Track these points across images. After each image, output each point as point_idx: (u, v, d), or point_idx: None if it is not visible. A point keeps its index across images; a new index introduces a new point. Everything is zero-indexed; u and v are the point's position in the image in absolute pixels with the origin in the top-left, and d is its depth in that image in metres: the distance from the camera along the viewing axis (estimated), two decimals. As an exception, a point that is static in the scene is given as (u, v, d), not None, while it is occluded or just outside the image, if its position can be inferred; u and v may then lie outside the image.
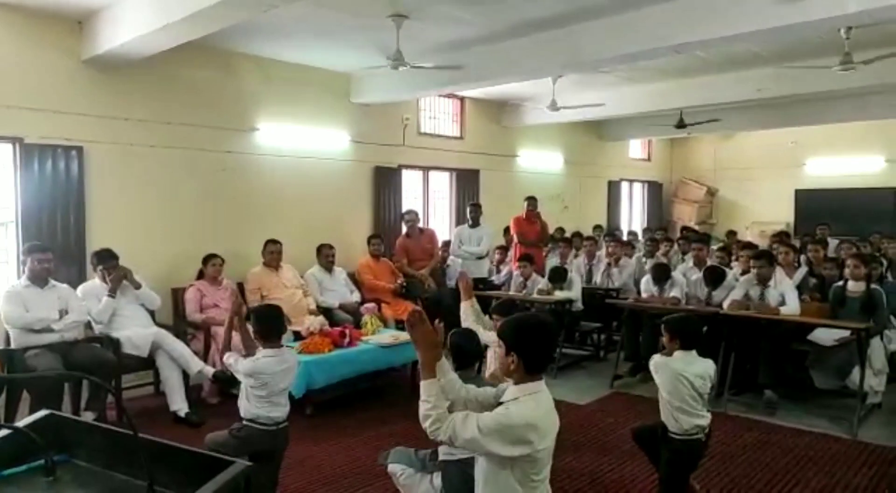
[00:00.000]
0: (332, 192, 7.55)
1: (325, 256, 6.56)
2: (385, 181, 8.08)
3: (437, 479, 2.91)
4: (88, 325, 4.86)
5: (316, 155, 7.33)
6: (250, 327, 3.23)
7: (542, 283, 6.71)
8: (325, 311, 6.18)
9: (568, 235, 9.27)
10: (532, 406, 2.06)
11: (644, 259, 7.72)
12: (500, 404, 2.12)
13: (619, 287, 7.02)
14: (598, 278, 7.33)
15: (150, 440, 1.38)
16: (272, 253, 6.11)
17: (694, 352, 3.26)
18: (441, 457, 2.88)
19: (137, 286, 5.07)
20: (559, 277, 6.63)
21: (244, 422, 3.17)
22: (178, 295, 5.80)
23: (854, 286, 5.15)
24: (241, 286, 6.07)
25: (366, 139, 7.84)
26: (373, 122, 7.89)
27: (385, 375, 5.63)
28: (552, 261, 7.87)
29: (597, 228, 10.74)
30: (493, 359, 3.10)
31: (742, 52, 6.82)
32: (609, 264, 7.29)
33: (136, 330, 4.87)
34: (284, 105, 6.97)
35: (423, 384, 2.15)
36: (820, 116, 9.61)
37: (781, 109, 9.56)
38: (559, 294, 6.45)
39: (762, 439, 4.51)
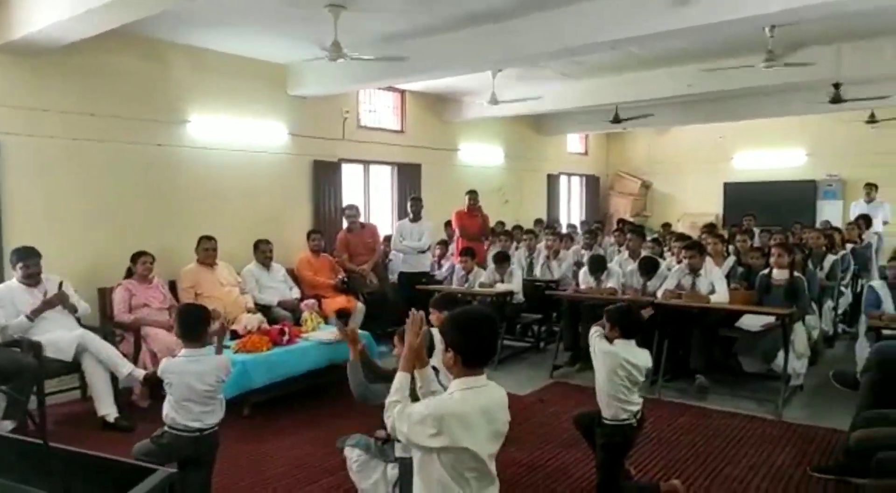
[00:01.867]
0: (270, 186, 7.37)
1: (263, 252, 6.40)
2: (325, 175, 7.94)
3: (393, 470, 2.88)
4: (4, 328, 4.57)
5: (252, 148, 7.13)
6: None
7: (484, 276, 6.76)
8: (263, 308, 6.03)
9: (509, 228, 9.38)
10: (461, 399, 2.05)
11: (583, 251, 7.88)
12: None
13: (559, 279, 7.14)
14: (538, 271, 7.44)
15: (65, 450, 1.29)
16: (206, 250, 5.91)
17: (633, 342, 3.35)
18: (397, 454, 2.85)
19: (74, 310, 4.79)
20: (503, 259, 6.71)
21: (165, 428, 3.03)
22: (105, 295, 5.55)
23: (778, 274, 5.40)
24: (173, 285, 5.86)
25: (304, 132, 7.68)
26: (311, 115, 7.74)
27: (327, 372, 5.54)
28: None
29: (538, 221, 10.90)
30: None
31: (674, 49, 7.04)
32: (548, 257, 7.40)
33: (59, 333, 4.60)
34: (218, 97, 6.74)
35: (396, 376, 2.21)
36: (746, 112, 10.04)
37: (710, 104, 9.92)
38: (500, 287, 6.51)
39: (695, 422, 4.68)
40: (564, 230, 10.15)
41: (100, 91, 5.83)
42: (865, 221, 8.66)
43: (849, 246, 7.89)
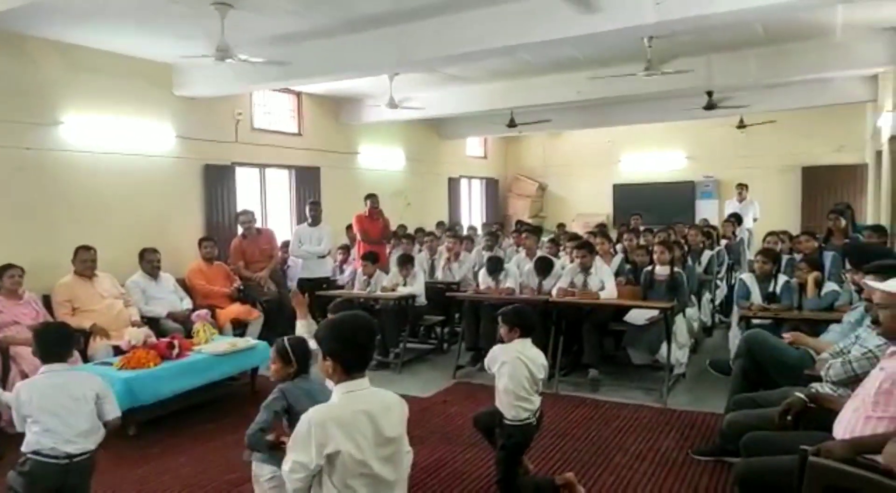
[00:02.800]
0: (157, 192, 6.98)
1: (149, 261, 6.05)
2: (217, 180, 7.62)
3: None
4: None
5: (135, 152, 6.73)
6: None
7: (387, 280, 6.74)
8: (151, 321, 5.70)
9: (411, 231, 9.40)
10: (340, 404, 2.04)
11: (483, 253, 8.03)
12: None
13: (460, 281, 7.24)
14: (439, 273, 7.50)
15: None
16: (84, 261, 5.51)
17: (529, 340, 3.45)
18: None
19: None
20: (406, 261, 6.75)
21: (27, 455, 2.78)
22: (-34, 312, 5.02)
23: (661, 270, 5.75)
24: (49, 299, 5.41)
25: (194, 135, 7.34)
26: (201, 117, 7.41)
27: (223, 385, 5.32)
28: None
29: (439, 224, 11.00)
30: None
31: (564, 57, 7.33)
32: (449, 259, 7.48)
33: None
34: (94, 97, 6.31)
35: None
36: (631, 117, 10.65)
37: (599, 110, 10.44)
38: (402, 290, 6.51)
39: (588, 414, 4.89)
40: (466, 232, 10.31)
41: (-45, 89, 5.31)
42: (737, 218, 9.39)
43: (724, 242, 8.54)
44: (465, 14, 5.26)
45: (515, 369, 3.34)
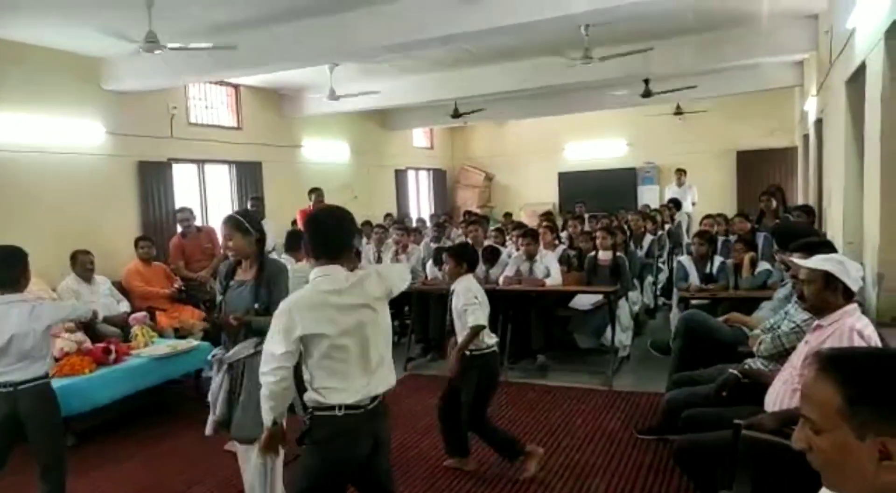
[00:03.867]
0: (89, 191, 6.70)
1: (82, 263, 5.79)
2: (153, 177, 7.36)
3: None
4: None
5: (63, 150, 6.43)
6: None
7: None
8: (86, 326, 5.46)
9: (358, 224, 9.30)
10: (308, 289, 2.20)
11: (432, 244, 8.02)
12: None
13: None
14: (387, 266, 7.46)
15: None
16: (10, 265, 5.22)
17: (471, 275, 3.65)
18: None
19: None
20: (355, 255, 6.67)
21: None
22: None
23: (603, 256, 5.87)
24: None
25: (126, 131, 7.06)
26: (133, 112, 7.13)
27: (165, 388, 5.16)
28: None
29: (388, 216, 10.93)
30: None
31: (505, 47, 7.35)
32: (397, 252, 7.44)
33: None
34: (16, 92, 5.99)
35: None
36: (573, 106, 10.80)
37: (542, 99, 10.55)
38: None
39: (538, 399, 4.96)
40: (415, 224, 10.28)
41: None
42: (675, 203, 9.67)
43: (667, 227, 8.78)
44: (402, 3, 5.21)
45: (472, 299, 3.48)
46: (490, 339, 3.56)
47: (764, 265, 5.09)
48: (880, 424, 1.02)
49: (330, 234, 2.29)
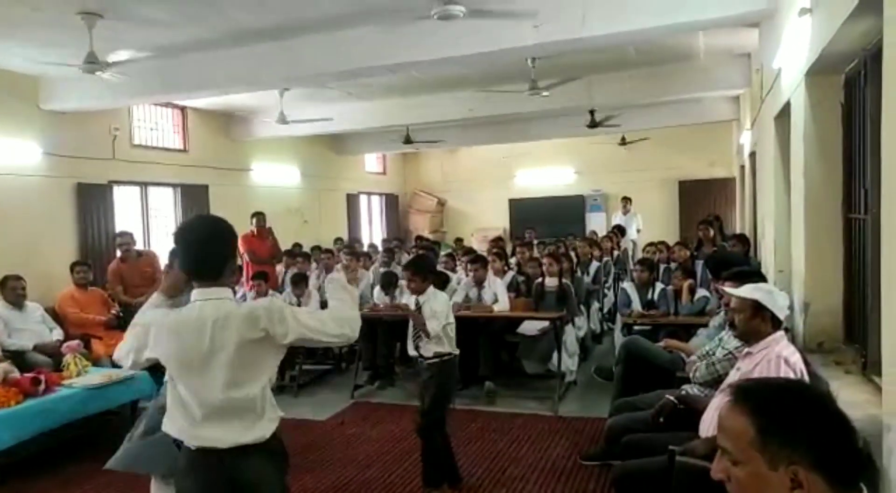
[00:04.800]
0: (22, 213, 6.44)
1: (13, 289, 5.54)
2: (91, 200, 7.14)
3: None
4: None
5: (-5, 170, 6.18)
6: None
7: (279, 300, 6.54)
8: (15, 355, 5.20)
9: (307, 249, 9.20)
10: (166, 312, 2.10)
11: (381, 269, 7.98)
12: None
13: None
14: (336, 291, 7.36)
15: None
16: (-68, 292, 4.96)
17: (434, 288, 3.75)
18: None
19: None
20: (300, 280, 6.70)
21: None
22: None
23: (550, 282, 5.96)
24: None
25: (64, 152, 6.85)
26: (72, 132, 6.92)
27: (98, 420, 4.93)
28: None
29: (337, 240, 10.85)
30: None
31: (454, 76, 7.48)
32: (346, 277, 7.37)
33: None
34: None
35: None
36: (521, 134, 11.04)
37: (491, 127, 10.74)
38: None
39: (484, 426, 4.94)
40: (366, 249, 10.22)
41: None
42: (619, 230, 9.93)
43: (615, 253, 8.99)
44: (350, 31, 5.25)
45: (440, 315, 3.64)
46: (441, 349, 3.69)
47: (702, 292, 5.26)
48: (791, 453, 1.06)
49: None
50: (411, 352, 3.80)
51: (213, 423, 1.99)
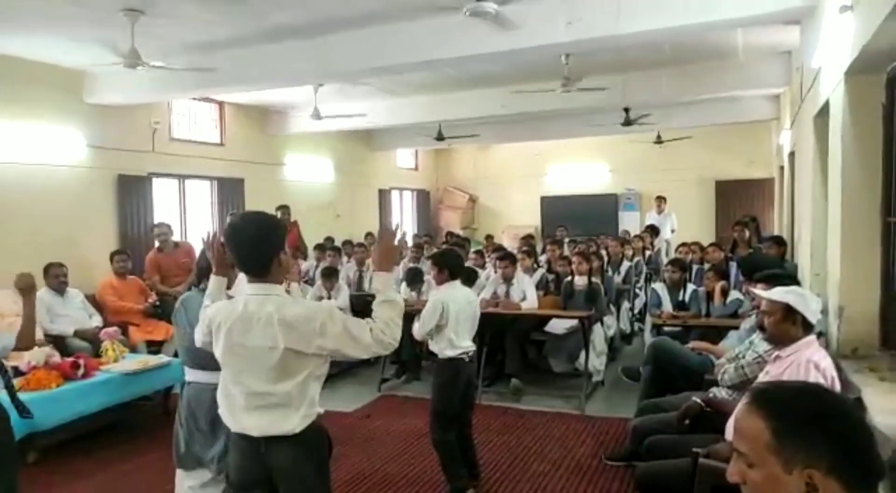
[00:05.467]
0: (66, 203, 6.66)
1: (55, 276, 5.74)
2: (131, 191, 7.34)
3: None
4: None
5: (42, 162, 6.39)
6: None
7: (311, 292, 6.65)
8: (57, 340, 5.40)
9: (338, 243, 9.31)
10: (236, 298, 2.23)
11: (410, 264, 8.03)
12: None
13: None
14: (367, 285, 7.45)
15: None
16: (-20, 277, 5.17)
17: (458, 282, 3.64)
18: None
19: None
20: (331, 273, 6.76)
21: None
22: None
23: (579, 280, 5.92)
24: (-61, 319, 5.05)
25: (107, 144, 7.05)
26: (115, 125, 7.12)
27: (133, 405, 5.09)
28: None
29: (368, 235, 10.94)
30: None
31: (486, 72, 7.48)
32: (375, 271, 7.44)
33: None
34: (-4, 104, 5.97)
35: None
36: (554, 132, 10.96)
37: (524, 124, 10.69)
38: (326, 303, 6.43)
39: (510, 423, 4.95)
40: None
41: None
42: (653, 230, 9.78)
43: (646, 253, 8.88)
44: (383, 27, 5.29)
45: (434, 311, 3.50)
46: (454, 350, 3.57)
47: (735, 294, 5.16)
48: (806, 457, 1.05)
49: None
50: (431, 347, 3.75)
51: (250, 412, 2.10)
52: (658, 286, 5.67)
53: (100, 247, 6.84)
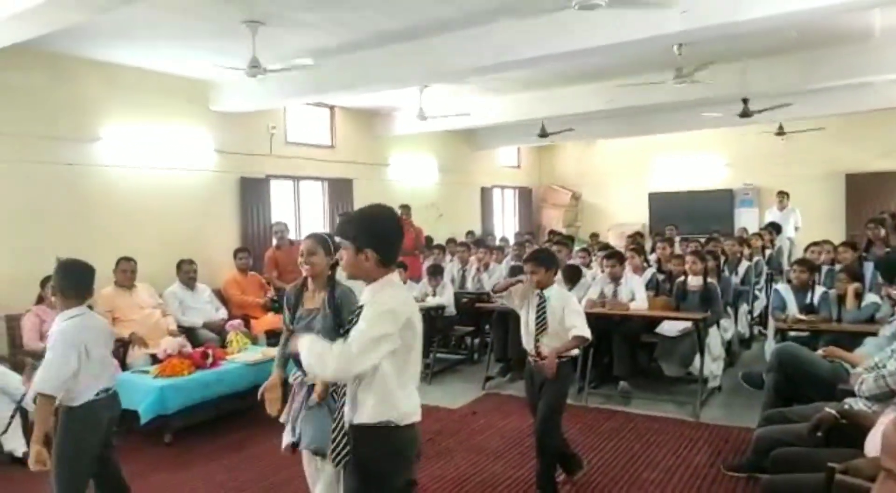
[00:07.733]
0: (195, 204, 7.19)
1: (186, 272, 6.23)
2: (252, 192, 7.81)
3: None
4: None
5: (174, 166, 6.95)
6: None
7: (417, 290, 6.78)
8: (187, 331, 5.86)
9: (442, 242, 9.43)
10: (392, 294, 2.16)
11: (513, 263, 8.00)
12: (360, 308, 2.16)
13: (489, 291, 7.23)
14: (469, 284, 7.51)
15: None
16: (125, 272, 5.70)
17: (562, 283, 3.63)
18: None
19: None
20: (436, 271, 6.91)
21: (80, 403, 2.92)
22: (13, 322, 5.27)
23: (693, 281, 5.64)
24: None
25: (230, 149, 7.54)
26: (237, 131, 7.61)
27: (254, 394, 5.41)
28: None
29: (469, 233, 11.02)
30: None
31: (593, 66, 7.28)
32: (478, 270, 7.49)
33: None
34: (133, 113, 6.53)
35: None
36: (664, 126, 10.50)
37: (631, 118, 10.32)
38: (431, 300, 6.55)
39: (618, 426, 4.81)
40: (498, 242, 10.29)
41: (1, 109, 5.58)
42: (774, 228, 9.15)
43: (767, 252, 8.32)
44: (490, 26, 5.29)
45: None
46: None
47: (871, 298, 4.74)
48: None
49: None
50: (528, 348, 3.61)
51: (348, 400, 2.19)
52: (781, 287, 5.29)
53: (224, 245, 7.34)
